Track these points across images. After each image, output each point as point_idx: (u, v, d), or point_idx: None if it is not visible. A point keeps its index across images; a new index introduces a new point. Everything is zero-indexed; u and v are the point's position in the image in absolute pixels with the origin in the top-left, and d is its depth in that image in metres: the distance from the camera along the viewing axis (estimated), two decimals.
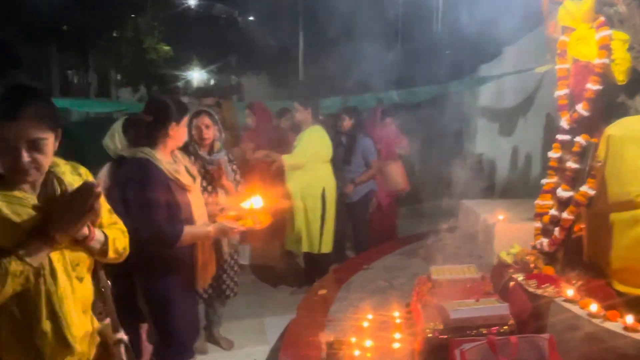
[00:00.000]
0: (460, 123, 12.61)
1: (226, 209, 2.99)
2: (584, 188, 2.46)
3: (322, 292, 3.54)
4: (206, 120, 3.46)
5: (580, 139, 2.53)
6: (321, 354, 2.61)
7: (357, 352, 2.60)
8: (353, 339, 2.73)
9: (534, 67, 7.18)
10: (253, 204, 2.68)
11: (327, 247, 4.84)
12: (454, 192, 10.14)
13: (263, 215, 2.72)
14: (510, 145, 8.93)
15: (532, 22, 7.79)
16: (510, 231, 4.06)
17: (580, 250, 2.68)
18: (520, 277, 2.57)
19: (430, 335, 2.40)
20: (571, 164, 2.56)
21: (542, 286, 2.49)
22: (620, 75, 2.48)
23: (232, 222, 2.64)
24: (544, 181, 2.96)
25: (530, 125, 7.78)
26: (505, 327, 2.39)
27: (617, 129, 2.46)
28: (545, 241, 2.67)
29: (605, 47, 2.48)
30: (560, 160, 2.82)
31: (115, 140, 2.80)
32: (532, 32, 7.80)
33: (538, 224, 2.89)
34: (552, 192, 2.83)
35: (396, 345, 2.66)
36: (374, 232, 5.60)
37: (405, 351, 2.62)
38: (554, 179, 2.83)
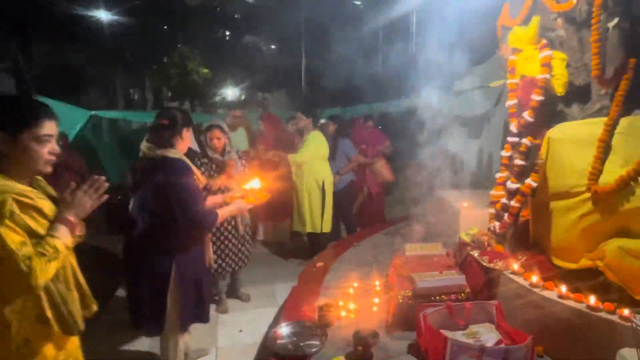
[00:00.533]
0: (439, 128, 12.49)
1: (232, 191, 3.04)
2: (528, 181, 2.36)
3: (320, 264, 3.47)
4: (217, 133, 3.53)
5: (525, 141, 2.43)
6: (315, 316, 2.55)
7: (343, 313, 2.53)
8: (340, 303, 2.67)
9: (497, 82, 7.05)
10: (252, 185, 2.76)
11: (327, 227, 4.81)
12: (433, 183, 10.00)
13: (261, 193, 2.77)
14: (477, 146, 8.76)
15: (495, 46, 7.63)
16: (471, 216, 3.95)
17: (526, 231, 2.59)
18: (476, 254, 2.48)
19: (401, 300, 2.33)
20: (518, 161, 2.46)
21: (494, 261, 2.40)
22: (559, 88, 2.37)
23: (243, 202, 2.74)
24: (497, 175, 2.85)
25: (493, 130, 7.62)
26: (462, 295, 2.30)
27: (556, 132, 2.35)
28: (497, 224, 2.57)
29: (547, 65, 2.37)
30: (510, 158, 2.71)
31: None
32: (496, 54, 7.62)
33: (492, 210, 2.79)
34: (504, 184, 2.72)
35: (375, 308, 2.59)
36: (365, 216, 5.53)
37: (382, 313, 2.55)
38: (505, 174, 2.73)
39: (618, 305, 1.87)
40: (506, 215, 2.48)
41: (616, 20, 2.15)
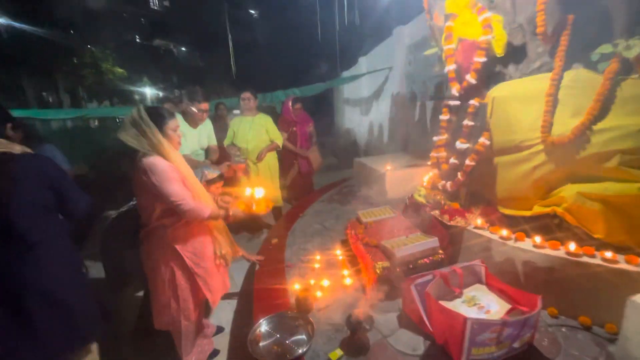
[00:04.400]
0: (332, 108, 12.21)
1: (234, 197, 2.08)
2: (482, 140, 1.90)
3: (275, 241, 2.72)
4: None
5: (474, 102, 1.95)
6: (290, 301, 1.85)
7: (319, 293, 1.87)
8: (312, 281, 2.00)
9: (384, 68, 6.74)
10: (255, 193, 1.94)
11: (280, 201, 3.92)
12: (338, 152, 9.63)
13: (265, 203, 1.94)
14: (368, 121, 8.57)
15: (379, 38, 7.29)
16: (396, 177, 3.55)
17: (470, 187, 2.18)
18: (437, 213, 1.99)
19: (381, 272, 1.74)
20: (468, 122, 1.98)
21: (453, 218, 1.94)
22: (499, 49, 1.91)
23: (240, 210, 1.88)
24: (435, 138, 2.38)
25: (381, 107, 7.41)
26: (437, 256, 1.81)
27: (499, 91, 1.90)
28: (448, 183, 2.11)
29: (488, 26, 1.88)
30: (449, 121, 2.24)
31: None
32: (379, 45, 7.29)
33: (435, 171, 2.33)
34: (445, 146, 2.26)
35: (347, 281, 1.97)
36: (296, 188, 4.81)
37: (356, 285, 1.95)
38: (445, 136, 2.26)
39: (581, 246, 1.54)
40: (459, 173, 2.02)
41: None
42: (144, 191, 1.59)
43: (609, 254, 1.41)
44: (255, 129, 3.39)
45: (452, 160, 2.07)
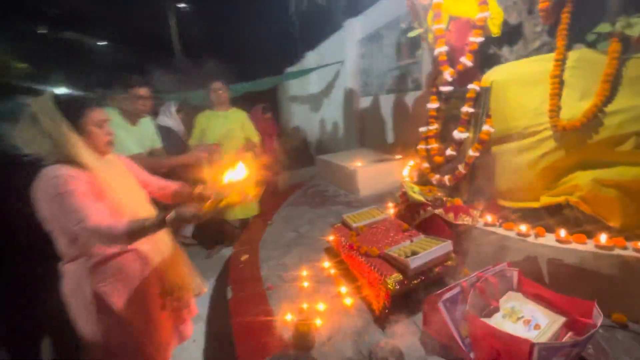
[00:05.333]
0: (277, 106, 11.75)
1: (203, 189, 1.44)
2: (486, 127, 1.72)
3: (245, 257, 2.29)
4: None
5: (474, 86, 1.76)
6: (283, 335, 1.47)
7: (318, 321, 1.52)
8: (304, 305, 1.64)
9: (335, 62, 6.53)
10: (232, 177, 1.29)
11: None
12: (289, 151, 9.25)
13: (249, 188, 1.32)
14: (319, 118, 8.34)
15: (328, 32, 7.07)
16: (368, 173, 3.32)
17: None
18: (440, 212, 1.76)
19: (395, 288, 1.45)
20: (467, 109, 1.79)
21: (458, 216, 1.74)
22: (495, 28, 1.75)
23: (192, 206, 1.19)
24: (423, 129, 2.17)
25: (333, 103, 7.22)
26: (451, 262, 1.58)
27: (498, 74, 1.74)
28: (446, 177, 1.90)
29: (485, 2, 1.70)
30: (438, 110, 2.04)
31: None
32: (328, 39, 7.06)
33: (426, 165, 2.12)
34: (436, 136, 2.06)
35: (348, 300, 1.65)
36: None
37: (358, 305, 1.64)
38: (435, 126, 2.06)
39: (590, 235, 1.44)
40: (460, 165, 1.82)
41: None
42: (44, 214, 1.11)
43: None
44: (229, 126, 2.81)
45: (449, 151, 1.87)
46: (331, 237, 2.25)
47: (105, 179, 1.19)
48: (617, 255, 1.32)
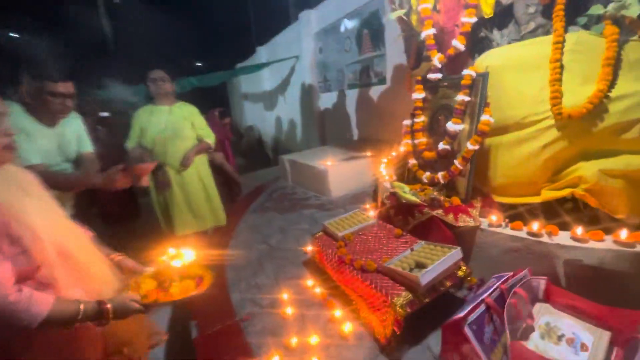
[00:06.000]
0: (228, 104, 11.08)
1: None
2: (485, 117, 1.55)
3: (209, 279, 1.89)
4: None
5: (469, 72, 1.57)
6: None
7: None
8: (293, 340, 1.33)
9: (290, 57, 6.19)
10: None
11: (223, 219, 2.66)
12: (245, 152, 8.69)
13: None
14: (274, 116, 7.96)
15: (282, 27, 6.70)
16: (340, 172, 3.07)
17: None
18: (440, 213, 1.56)
19: (406, 311, 1.21)
20: (463, 98, 1.60)
21: (458, 217, 1.55)
22: (487, 8, 1.58)
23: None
24: (407, 122, 1.97)
25: (289, 100, 6.88)
26: (461, 272, 1.38)
27: (492, 59, 1.58)
28: (440, 174, 1.71)
29: None
30: (425, 100, 1.85)
31: None
32: (281, 33, 6.69)
33: (412, 161, 1.92)
34: (423, 130, 1.86)
35: (346, 328, 1.37)
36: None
37: (358, 331, 1.37)
38: (421, 118, 1.86)
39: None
40: (457, 161, 1.64)
41: None
42: None
43: None
44: (176, 123, 2.31)
45: (443, 145, 1.68)
46: (309, 248, 1.96)
47: (9, 211, 0.77)
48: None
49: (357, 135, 4.68)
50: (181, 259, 1.11)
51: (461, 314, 1.06)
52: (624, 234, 1.23)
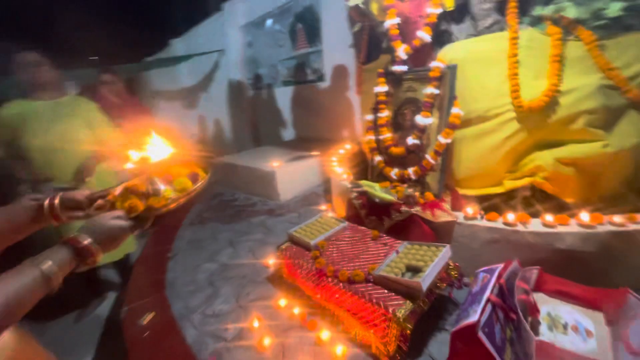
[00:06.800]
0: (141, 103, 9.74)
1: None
2: (456, 110, 1.53)
3: (149, 317, 1.51)
4: None
5: (438, 64, 1.54)
6: None
7: None
8: None
9: (211, 51, 5.65)
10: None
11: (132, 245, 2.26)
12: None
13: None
14: (196, 116, 7.26)
15: (197, 19, 6.09)
16: (289, 174, 2.86)
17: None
18: (419, 210, 1.49)
19: (411, 323, 1.09)
20: (432, 90, 1.56)
21: (435, 213, 1.52)
22: (449, 2, 1.57)
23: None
24: (368, 117, 1.87)
25: (214, 98, 6.32)
26: (452, 272, 1.32)
27: (456, 52, 1.59)
28: (411, 170, 1.65)
29: None
30: (388, 94, 1.78)
31: None
32: (200, 25, 6.08)
33: (379, 158, 1.83)
34: (387, 125, 1.79)
35: (339, 350, 1.20)
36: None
37: (352, 352, 1.21)
38: (385, 113, 1.79)
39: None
40: (428, 155, 1.59)
41: None
42: None
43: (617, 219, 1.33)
44: (65, 123, 1.75)
45: (412, 140, 1.63)
46: (272, 261, 1.73)
47: None
48: (608, 231, 1.31)
49: (295, 135, 4.51)
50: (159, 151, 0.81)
51: (473, 319, 0.99)
52: (585, 217, 1.33)
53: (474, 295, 1.14)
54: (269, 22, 4.35)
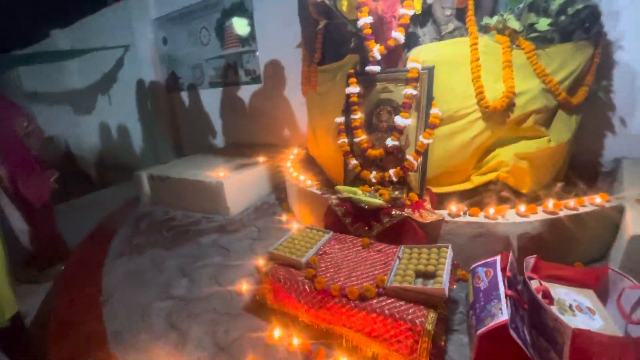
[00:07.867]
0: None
1: None
2: (434, 110, 1.55)
3: None
4: None
5: (415, 65, 1.53)
6: None
7: None
8: None
9: (111, 47, 4.79)
10: None
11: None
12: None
13: None
14: (96, 123, 6.12)
15: (89, 9, 5.11)
16: (237, 184, 2.57)
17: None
18: (409, 212, 1.46)
19: (443, 332, 1.03)
20: (411, 91, 1.55)
21: (422, 213, 1.51)
22: (418, 4, 1.60)
23: None
24: (339, 120, 1.79)
25: (120, 102, 5.39)
26: (460, 272, 1.32)
27: (427, 54, 1.63)
28: (392, 171, 1.62)
29: None
30: (359, 95, 1.72)
31: None
32: (94, 14, 5.11)
33: (354, 161, 1.75)
34: (361, 127, 1.73)
35: None
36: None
37: None
38: (358, 115, 1.73)
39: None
40: (410, 156, 1.57)
41: None
42: None
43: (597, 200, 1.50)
44: None
45: (392, 141, 1.60)
46: (244, 287, 1.49)
47: None
48: (570, 215, 1.47)
49: (226, 141, 4.15)
50: None
51: (503, 318, 0.98)
52: (550, 204, 1.49)
53: (485, 291, 1.15)
54: (189, 17, 3.91)
